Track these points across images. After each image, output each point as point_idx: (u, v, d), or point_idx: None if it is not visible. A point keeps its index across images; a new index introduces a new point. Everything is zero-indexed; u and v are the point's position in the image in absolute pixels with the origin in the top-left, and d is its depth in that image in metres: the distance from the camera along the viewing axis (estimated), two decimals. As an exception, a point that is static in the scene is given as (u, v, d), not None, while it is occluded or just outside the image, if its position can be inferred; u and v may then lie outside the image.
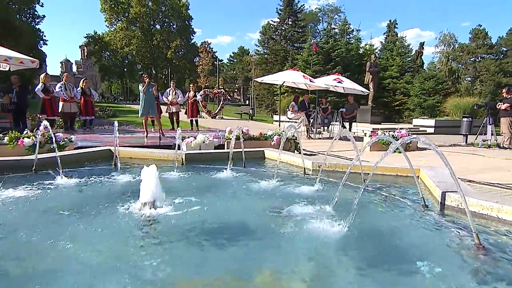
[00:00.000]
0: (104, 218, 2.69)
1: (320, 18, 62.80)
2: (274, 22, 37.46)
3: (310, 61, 21.69)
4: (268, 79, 11.83)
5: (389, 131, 8.70)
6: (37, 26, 55.50)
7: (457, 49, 45.07)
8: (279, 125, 12.19)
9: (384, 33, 36.66)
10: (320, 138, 11.30)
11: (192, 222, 2.60)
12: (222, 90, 23.68)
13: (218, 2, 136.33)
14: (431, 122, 15.31)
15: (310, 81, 10.87)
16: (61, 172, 3.87)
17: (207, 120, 21.14)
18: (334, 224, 2.50)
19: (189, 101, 11.71)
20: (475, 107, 10.91)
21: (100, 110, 19.55)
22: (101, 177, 4.03)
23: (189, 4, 55.98)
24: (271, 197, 3.41)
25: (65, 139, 5.52)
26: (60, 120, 10.89)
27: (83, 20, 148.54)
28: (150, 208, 2.77)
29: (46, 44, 59.96)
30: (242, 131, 6.85)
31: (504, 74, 42.56)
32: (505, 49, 46.78)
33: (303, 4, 38.56)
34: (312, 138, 11.23)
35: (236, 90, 71.78)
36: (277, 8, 36.40)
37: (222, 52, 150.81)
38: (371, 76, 17.88)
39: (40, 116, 9.45)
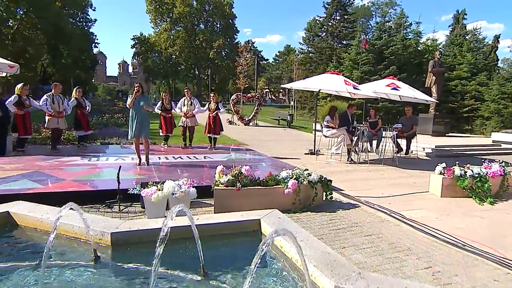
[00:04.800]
0: None
1: (373, 13, 58.22)
2: (320, 17, 34.37)
3: (358, 60, 18.62)
4: (299, 85, 9.33)
5: (470, 166, 5.80)
6: (90, 30, 58.02)
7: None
8: (314, 137, 9.67)
9: (449, 26, 31.80)
10: (366, 162, 8.54)
11: None
12: (258, 93, 21.44)
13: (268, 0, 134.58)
14: (520, 138, 11.65)
15: (354, 87, 8.19)
16: None
17: (239, 127, 19.07)
18: None
19: (210, 115, 9.25)
20: None
21: (123, 116, 18.25)
22: None
23: (233, 3, 54.61)
24: None
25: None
26: (49, 137, 9.28)
27: (142, 21, 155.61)
28: None
29: (97, 47, 62.63)
30: (240, 172, 4.53)
31: None
32: None
33: (354, -3, 34.74)
34: (354, 162, 8.54)
35: (281, 90, 69.21)
36: (324, 2, 33.27)
37: (271, 52, 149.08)
38: (434, 77, 14.55)
39: (12, 135, 7.85)
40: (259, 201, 4.44)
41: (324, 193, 4.94)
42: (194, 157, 7.71)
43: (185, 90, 9.95)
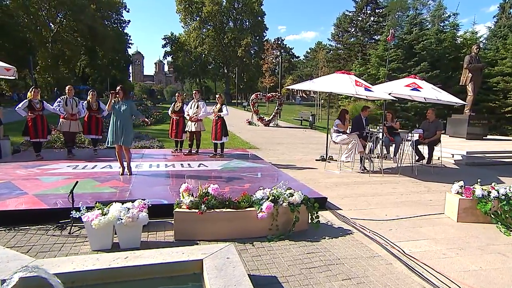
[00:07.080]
0: None
1: (410, 6, 55.17)
2: (350, 12, 32.84)
3: (386, 56, 17.31)
4: (304, 86, 8.55)
5: (495, 185, 4.82)
6: (124, 31, 59.94)
7: None
8: (327, 142, 8.91)
9: (494, 17, 29.05)
10: (380, 172, 7.61)
11: None
12: (278, 92, 20.72)
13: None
14: None
15: (366, 89, 7.31)
16: None
17: (258, 128, 18.49)
18: None
19: (214, 118, 8.56)
20: None
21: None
22: None
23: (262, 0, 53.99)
24: None
25: None
26: (61, 139, 9.30)
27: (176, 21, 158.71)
28: None
29: (130, 47, 64.44)
30: (207, 192, 3.96)
31: None
32: None
33: (387, -11, 32.88)
34: (368, 171, 7.68)
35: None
36: (354, -5, 31.72)
37: (305, 49, 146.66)
38: (470, 74, 13.10)
39: (26, 139, 7.94)
40: (229, 226, 3.86)
41: (310, 216, 4.24)
42: (188, 164, 7.24)
43: (194, 92, 9.38)
